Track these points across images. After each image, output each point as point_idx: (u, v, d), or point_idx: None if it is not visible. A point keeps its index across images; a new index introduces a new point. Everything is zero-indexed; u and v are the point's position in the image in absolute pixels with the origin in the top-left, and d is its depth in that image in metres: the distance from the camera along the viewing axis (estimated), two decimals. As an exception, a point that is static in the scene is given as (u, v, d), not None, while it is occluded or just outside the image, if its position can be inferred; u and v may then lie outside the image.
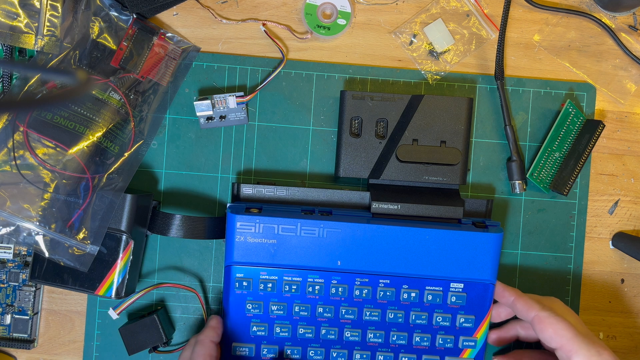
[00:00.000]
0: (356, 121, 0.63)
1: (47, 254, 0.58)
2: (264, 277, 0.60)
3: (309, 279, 0.60)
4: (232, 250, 0.59)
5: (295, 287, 0.60)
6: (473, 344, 0.61)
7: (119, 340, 0.63)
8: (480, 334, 0.61)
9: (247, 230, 0.59)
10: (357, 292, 0.60)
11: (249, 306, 0.60)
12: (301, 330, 0.60)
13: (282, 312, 0.60)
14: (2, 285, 0.64)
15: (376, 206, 0.61)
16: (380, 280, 0.60)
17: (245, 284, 0.60)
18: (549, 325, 0.56)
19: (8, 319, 0.64)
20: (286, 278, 0.60)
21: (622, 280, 0.67)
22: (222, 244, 0.65)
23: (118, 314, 0.61)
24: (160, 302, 0.65)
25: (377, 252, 0.59)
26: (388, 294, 0.60)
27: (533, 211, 0.66)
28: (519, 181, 0.64)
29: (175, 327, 0.65)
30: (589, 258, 0.66)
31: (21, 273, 0.63)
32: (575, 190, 0.66)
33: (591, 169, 0.66)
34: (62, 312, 0.65)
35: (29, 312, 0.64)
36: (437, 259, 0.59)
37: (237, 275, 0.60)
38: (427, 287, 0.60)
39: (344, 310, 0.60)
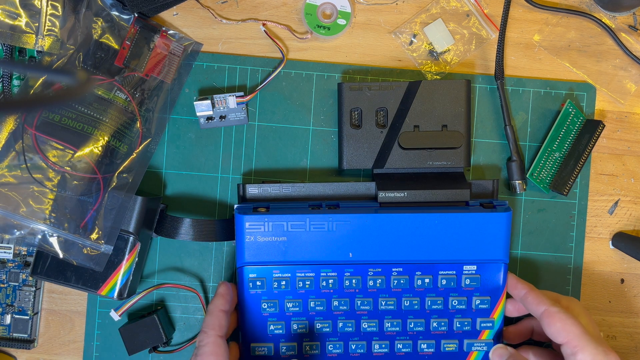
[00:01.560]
0: (356, 112, 0.63)
1: (61, 255, 0.58)
2: (277, 275, 0.60)
3: (322, 274, 0.60)
4: (243, 251, 0.59)
5: (309, 282, 0.60)
6: (491, 324, 0.61)
7: (119, 340, 0.63)
8: (497, 314, 0.61)
9: (256, 230, 0.59)
10: (371, 283, 0.60)
11: (265, 305, 0.60)
12: (318, 325, 0.61)
13: (297, 309, 0.60)
14: (2, 285, 0.64)
15: (383, 195, 0.61)
16: (393, 269, 0.60)
17: (259, 283, 0.60)
18: (557, 320, 0.55)
19: (8, 319, 0.64)
20: (299, 274, 0.60)
21: (622, 280, 0.67)
22: (222, 244, 0.65)
23: (120, 315, 0.61)
24: (160, 302, 0.65)
25: (387, 241, 0.59)
26: (402, 281, 0.60)
27: (533, 211, 0.66)
28: (519, 181, 0.64)
29: (175, 327, 0.65)
30: (589, 258, 0.66)
31: (21, 273, 0.63)
32: (575, 190, 0.66)
33: (591, 169, 0.66)
34: (62, 312, 0.65)
35: (29, 312, 0.64)
36: (448, 243, 0.60)
37: (250, 275, 0.60)
38: (440, 272, 0.60)
39: (359, 302, 0.60)
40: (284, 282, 0.60)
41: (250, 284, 0.60)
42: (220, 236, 0.62)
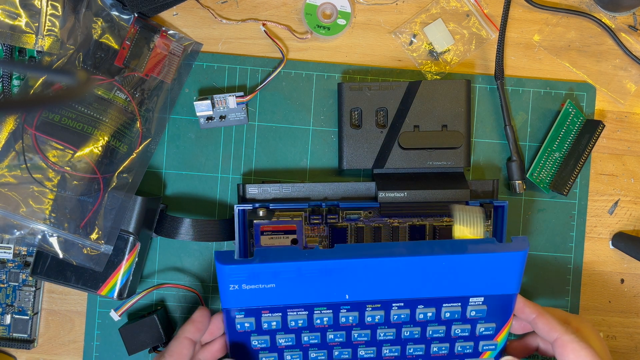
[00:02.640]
0: (356, 112, 0.63)
1: (61, 255, 0.58)
2: (266, 315, 0.55)
3: (315, 312, 0.55)
4: (227, 298, 0.54)
5: (301, 321, 0.55)
6: (494, 347, 0.58)
7: (119, 340, 0.63)
8: (501, 337, 0.58)
9: (240, 279, 0.53)
10: (369, 319, 0.56)
11: (255, 342, 0.56)
12: (313, 355, 0.57)
13: (290, 343, 0.57)
14: (2, 285, 0.64)
15: (383, 195, 0.60)
16: (394, 304, 0.55)
17: (247, 325, 0.55)
18: (571, 351, 0.53)
19: (8, 319, 0.64)
20: (291, 313, 0.55)
21: (622, 280, 0.67)
22: (222, 244, 0.65)
23: (120, 315, 0.61)
24: (160, 302, 0.65)
25: (388, 282, 0.54)
26: (402, 316, 0.56)
27: (533, 211, 0.66)
28: (519, 181, 0.64)
29: (175, 327, 0.65)
30: (589, 258, 0.66)
31: (21, 273, 0.63)
32: (575, 190, 0.66)
33: (591, 169, 0.66)
34: (62, 312, 0.65)
35: (28, 312, 0.64)
36: (456, 281, 0.55)
37: (237, 316, 0.55)
38: (444, 305, 0.56)
39: (356, 334, 0.56)
40: (274, 323, 0.55)
41: (238, 325, 0.55)
42: (220, 236, 0.62)
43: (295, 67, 0.65)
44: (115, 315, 0.61)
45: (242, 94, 0.63)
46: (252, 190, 0.62)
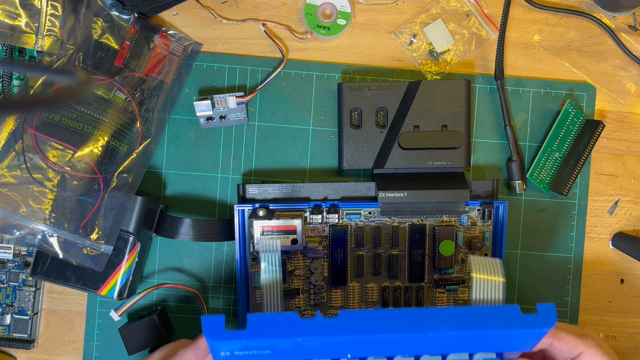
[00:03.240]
0: (356, 112, 0.63)
1: (60, 255, 0.58)
2: None
3: None
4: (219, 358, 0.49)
5: None
6: None
7: (119, 341, 0.63)
8: None
9: (232, 348, 0.48)
10: None
11: None
12: None
13: None
14: (2, 286, 0.64)
15: (383, 195, 0.60)
16: (397, 355, 0.52)
17: None
18: None
19: (8, 319, 0.64)
20: None
21: (622, 281, 0.67)
22: (222, 244, 0.65)
23: (120, 315, 0.61)
24: (160, 302, 0.65)
25: (395, 344, 0.50)
26: None
27: (533, 211, 0.66)
28: (519, 181, 0.64)
29: (175, 329, 0.65)
30: (589, 258, 0.66)
31: (21, 273, 0.63)
32: (575, 191, 0.66)
33: (591, 169, 0.66)
34: (62, 312, 0.65)
35: (28, 312, 0.64)
36: (468, 343, 0.50)
37: None
38: (451, 354, 0.52)
39: None
40: None
41: None
42: (220, 236, 0.62)
43: (295, 67, 0.65)
44: (115, 315, 0.61)
45: (242, 94, 0.63)
46: (252, 190, 0.62)
